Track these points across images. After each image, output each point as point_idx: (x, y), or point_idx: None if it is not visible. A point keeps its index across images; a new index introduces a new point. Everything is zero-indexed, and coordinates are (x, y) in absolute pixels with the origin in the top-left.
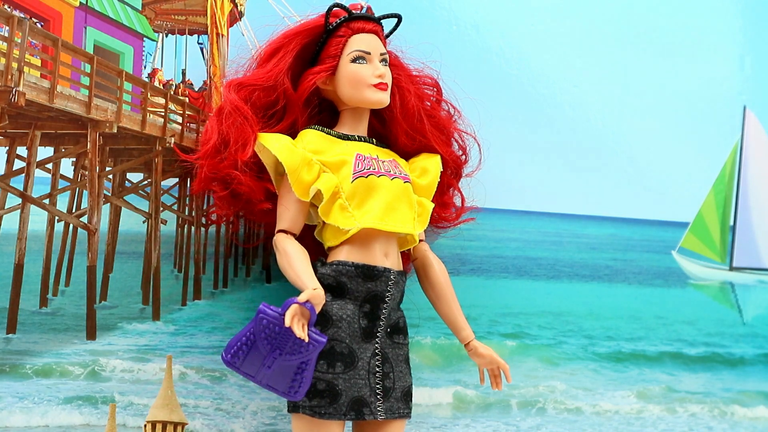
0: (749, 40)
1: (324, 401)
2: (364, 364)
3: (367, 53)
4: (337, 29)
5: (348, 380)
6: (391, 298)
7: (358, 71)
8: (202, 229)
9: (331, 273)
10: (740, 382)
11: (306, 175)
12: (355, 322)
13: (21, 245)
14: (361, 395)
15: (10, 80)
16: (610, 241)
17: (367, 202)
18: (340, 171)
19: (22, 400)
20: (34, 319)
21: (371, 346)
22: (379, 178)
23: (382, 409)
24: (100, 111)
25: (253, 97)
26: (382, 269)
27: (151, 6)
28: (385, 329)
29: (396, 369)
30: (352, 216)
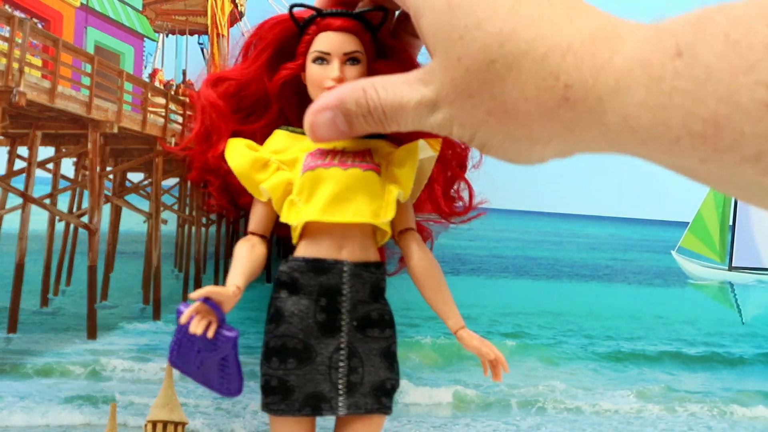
0: None
1: (276, 398)
2: (324, 359)
3: (326, 54)
4: (307, 26)
5: (302, 376)
6: (349, 290)
7: (314, 73)
8: (202, 228)
9: (286, 270)
10: (739, 381)
11: (258, 175)
12: (309, 317)
13: (22, 245)
14: (318, 390)
15: (11, 80)
16: (609, 240)
17: (314, 196)
18: (294, 167)
19: (23, 400)
20: (35, 318)
21: (335, 341)
22: (327, 170)
23: (345, 405)
24: (101, 111)
25: (234, 92)
26: (332, 262)
27: (152, 6)
28: (351, 323)
29: (367, 364)
30: (299, 211)
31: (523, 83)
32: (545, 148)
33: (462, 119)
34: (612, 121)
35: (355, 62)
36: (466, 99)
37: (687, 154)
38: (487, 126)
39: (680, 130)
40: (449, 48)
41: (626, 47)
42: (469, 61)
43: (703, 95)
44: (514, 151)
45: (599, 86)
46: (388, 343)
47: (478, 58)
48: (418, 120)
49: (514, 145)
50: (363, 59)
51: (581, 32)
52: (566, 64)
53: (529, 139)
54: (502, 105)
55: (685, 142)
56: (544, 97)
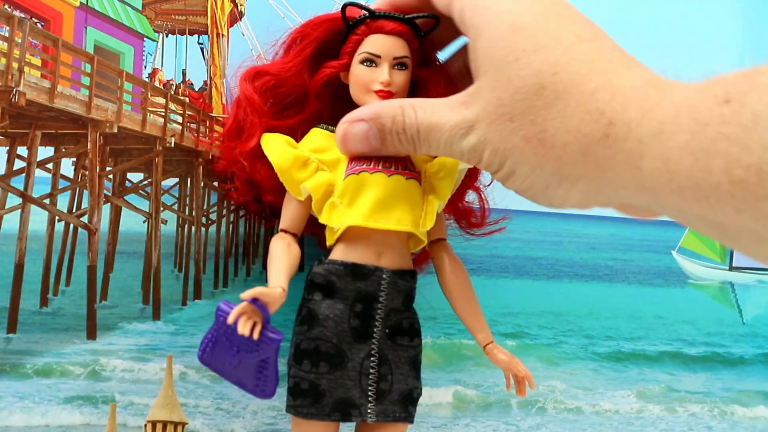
0: (749, 40)
1: (306, 401)
2: (356, 365)
3: (376, 56)
4: (356, 26)
5: (334, 380)
6: (386, 297)
7: (362, 74)
8: (202, 229)
9: (322, 272)
10: (740, 381)
11: (298, 173)
12: (344, 321)
13: (21, 245)
14: (349, 396)
15: (10, 80)
16: (609, 240)
17: (357, 200)
18: (336, 169)
19: (23, 400)
20: (35, 318)
21: (366, 347)
22: (372, 175)
23: (374, 412)
24: (101, 111)
25: (272, 87)
26: (372, 268)
27: (152, 6)
28: (383, 330)
29: (395, 371)
30: (342, 214)
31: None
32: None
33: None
34: (649, 165)
35: (403, 67)
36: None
37: (724, 202)
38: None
39: (721, 176)
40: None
41: (675, 94)
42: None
43: (748, 142)
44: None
45: (643, 128)
46: (416, 351)
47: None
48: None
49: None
50: (410, 65)
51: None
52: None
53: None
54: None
55: (724, 189)
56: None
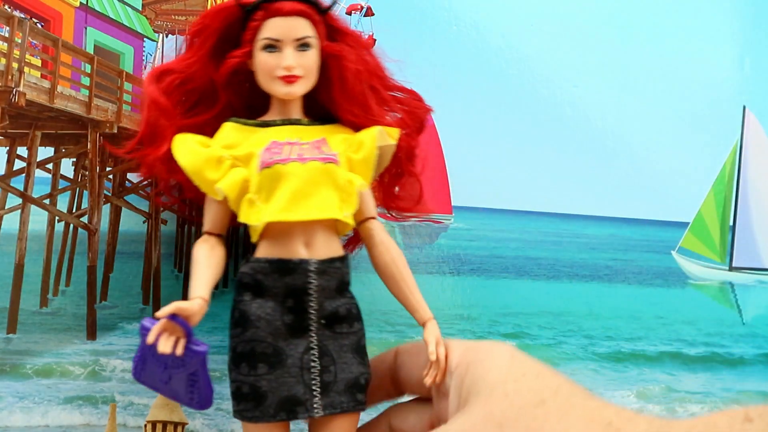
0: (749, 40)
1: (250, 404)
2: (295, 360)
3: (276, 41)
4: (253, 12)
5: (274, 380)
6: (316, 288)
7: (266, 61)
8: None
9: (249, 271)
10: (740, 382)
11: (212, 174)
12: (277, 319)
13: (21, 245)
14: (292, 394)
15: (10, 80)
16: (609, 241)
17: (274, 194)
18: (250, 164)
19: (23, 400)
20: (35, 319)
21: (304, 341)
22: (286, 165)
23: (320, 405)
24: (101, 111)
25: (179, 84)
26: (297, 261)
27: (152, 6)
28: (319, 321)
29: (338, 361)
30: (259, 210)
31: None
32: None
33: None
34: None
35: (307, 48)
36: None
37: None
38: None
39: None
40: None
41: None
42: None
43: None
44: None
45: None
46: (357, 337)
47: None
48: None
49: None
50: (315, 44)
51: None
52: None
53: None
54: None
55: None
56: None
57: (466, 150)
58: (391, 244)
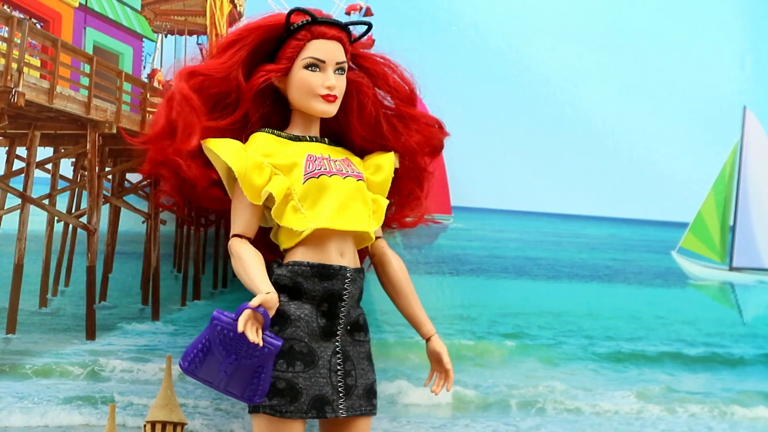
0: (749, 40)
1: (284, 400)
2: (325, 362)
3: (321, 61)
4: (297, 31)
5: (308, 378)
6: (348, 295)
7: (308, 79)
8: (201, 229)
9: (287, 274)
10: (740, 382)
11: (257, 178)
12: (313, 321)
13: (21, 245)
14: (322, 393)
15: (9, 81)
16: (609, 241)
17: (319, 203)
18: (292, 173)
19: (22, 400)
20: (34, 319)
21: (331, 345)
22: (330, 178)
23: (344, 407)
24: (100, 111)
25: (205, 87)
26: (338, 267)
27: (151, 6)
28: (345, 327)
29: (358, 366)
30: (305, 217)
31: None
32: None
33: None
34: None
35: (343, 72)
36: None
37: None
38: None
39: None
40: None
41: None
42: None
43: None
44: None
45: None
46: (369, 346)
47: None
48: None
49: None
50: (346, 70)
51: None
52: None
53: None
54: None
55: None
56: None
57: (466, 150)
58: (400, 262)
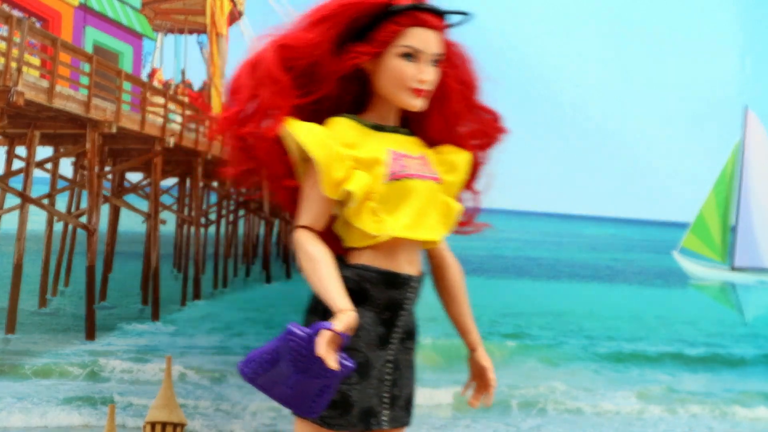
0: (750, 40)
1: (336, 412)
2: (376, 372)
3: (418, 51)
4: (397, 14)
5: (361, 391)
6: (409, 304)
7: (401, 69)
8: (201, 229)
9: (354, 277)
10: (741, 382)
11: (337, 172)
12: (372, 330)
13: (20, 245)
14: (371, 405)
15: (9, 80)
16: (610, 241)
17: (399, 208)
18: (373, 170)
19: (22, 401)
20: (34, 319)
21: (384, 354)
22: (413, 182)
23: (388, 418)
24: (100, 111)
25: (293, 62)
26: (406, 277)
27: (151, 6)
28: (401, 335)
29: (404, 376)
30: (382, 221)
31: None
32: None
33: None
34: None
35: (436, 65)
36: None
37: None
38: None
39: None
40: None
41: None
42: None
43: None
44: None
45: None
46: (414, 354)
47: None
48: None
49: None
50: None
51: None
52: None
53: None
54: None
55: None
56: None
57: None
58: (459, 268)
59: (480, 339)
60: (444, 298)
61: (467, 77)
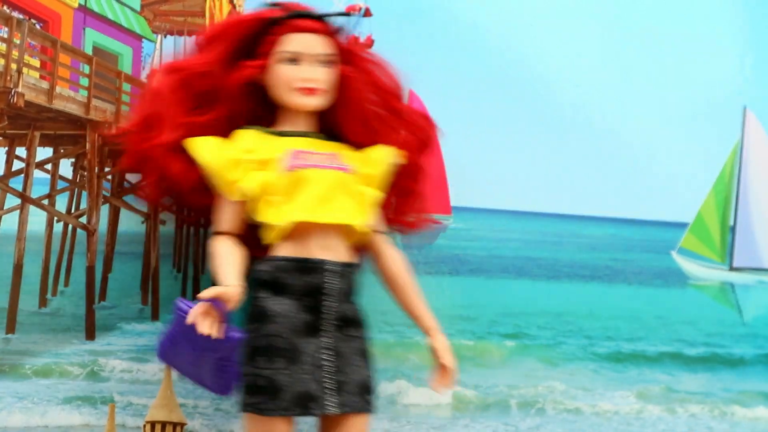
0: (749, 40)
1: (265, 397)
2: (309, 358)
3: (298, 53)
4: (272, 26)
5: (290, 375)
6: (332, 289)
7: (284, 73)
8: (200, 229)
9: (268, 269)
10: (740, 382)
11: (231, 174)
12: (294, 317)
13: (20, 246)
14: (306, 389)
15: (9, 81)
16: (610, 241)
17: (297, 196)
18: (269, 167)
19: (22, 400)
20: (34, 319)
21: (317, 341)
22: (308, 171)
23: (335, 404)
24: (99, 112)
25: (188, 82)
26: (317, 261)
27: (150, 7)
28: (332, 322)
29: (351, 363)
30: (281, 211)
31: None
32: None
33: None
34: None
35: (328, 65)
36: None
37: None
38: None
39: None
40: None
41: None
42: None
43: None
44: None
45: None
46: (364, 341)
47: None
48: None
49: None
50: (336, 62)
51: None
52: None
53: None
54: None
55: None
56: None
57: (466, 150)
58: (398, 255)
59: (435, 323)
60: (389, 288)
61: (383, 82)
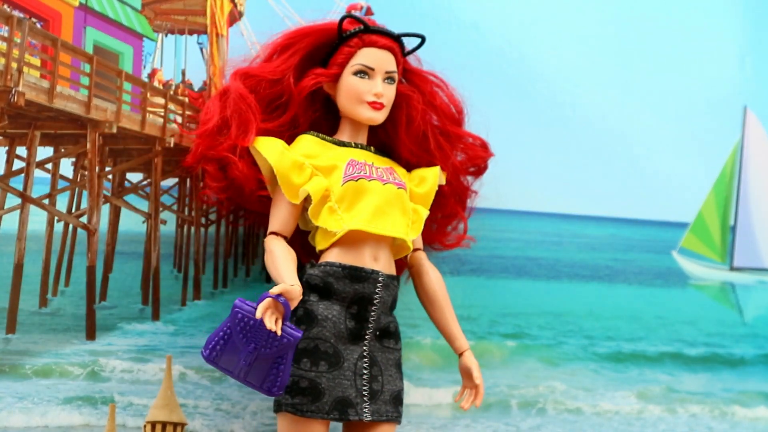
0: (749, 40)
1: (306, 399)
2: (350, 365)
3: (370, 69)
4: (349, 38)
5: (332, 380)
6: (379, 300)
7: (355, 85)
8: (201, 229)
9: (319, 274)
10: (741, 382)
11: (296, 178)
12: (341, 322)
13: (21, 245)
14: (345, 395)
15: (9, 80)
16: (610, 241)
17: (356, 206)
18: (332, 175)
19: (22, 401)
20: (34, 319)
21: (359, 348)
22: (369, 182)
23: (369, 411)
24: (100, 111)
25: (259, 88)
26: (369, 271)
27: (151, 6)
28: (374, 332)
29: (385, 373)
30: (340, 218)
31: None
32: None
33: None
34: None
35: (392, 82)
36: None
37: None
38: None
39: None
40: None
41: None
42: None
43: None
44: None
45: None
46: (399, 354)
47: None
48: None
49: None
50: (397, 80)
51: None
52: None
53: None
54: None
55: None
56: None
57: None
58: (438, 274)
59: (466, 342)
60: (425, 305)
61: (444, 105)
